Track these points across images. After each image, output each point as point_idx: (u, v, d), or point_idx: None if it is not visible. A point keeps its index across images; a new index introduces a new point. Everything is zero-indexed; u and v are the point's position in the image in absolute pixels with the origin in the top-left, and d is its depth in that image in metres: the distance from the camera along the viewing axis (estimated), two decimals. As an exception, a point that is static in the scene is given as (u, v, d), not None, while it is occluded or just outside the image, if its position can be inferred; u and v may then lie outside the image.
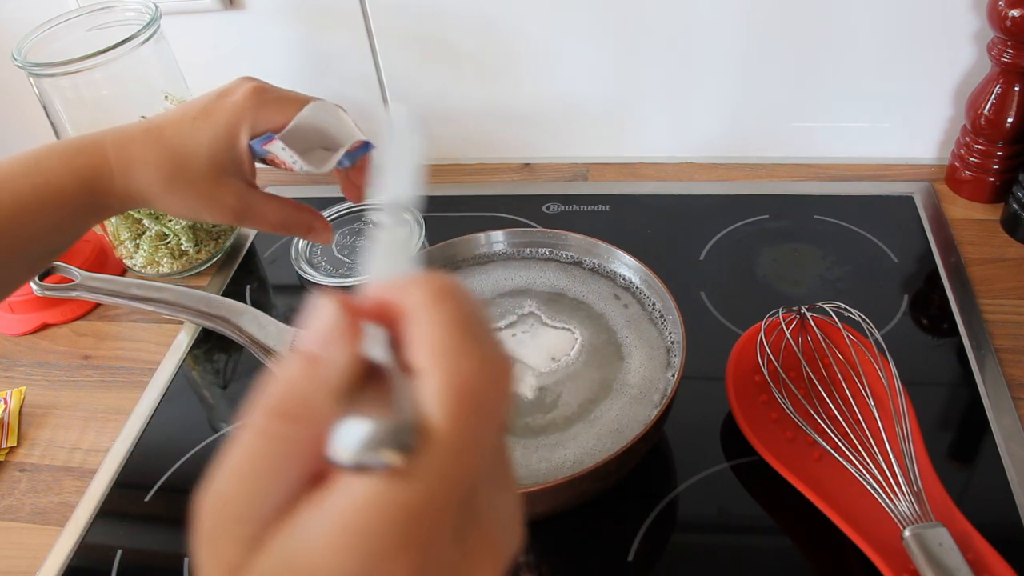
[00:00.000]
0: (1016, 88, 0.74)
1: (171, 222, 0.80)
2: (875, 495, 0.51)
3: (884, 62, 0.81)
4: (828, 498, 0.53)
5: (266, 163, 0.54)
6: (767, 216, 0.82)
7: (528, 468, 0.54)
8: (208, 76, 0.87)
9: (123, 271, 0.85)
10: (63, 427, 0.70)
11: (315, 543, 0.21)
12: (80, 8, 0.78)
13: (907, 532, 0.49)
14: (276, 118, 0.52)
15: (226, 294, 0.80)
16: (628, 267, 0.66)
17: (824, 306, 0.60)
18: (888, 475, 0.52)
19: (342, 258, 0.82)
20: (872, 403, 0.55)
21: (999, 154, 0.78)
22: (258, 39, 0.90)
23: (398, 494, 0.21)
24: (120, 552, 0.59)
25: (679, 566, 0.55)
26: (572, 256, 0.68)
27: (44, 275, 0.74)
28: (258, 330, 0.69)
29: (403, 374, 0.22)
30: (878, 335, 0.58)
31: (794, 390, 0.58)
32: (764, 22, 0.80)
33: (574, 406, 0.57)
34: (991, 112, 0.76)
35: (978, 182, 0.80)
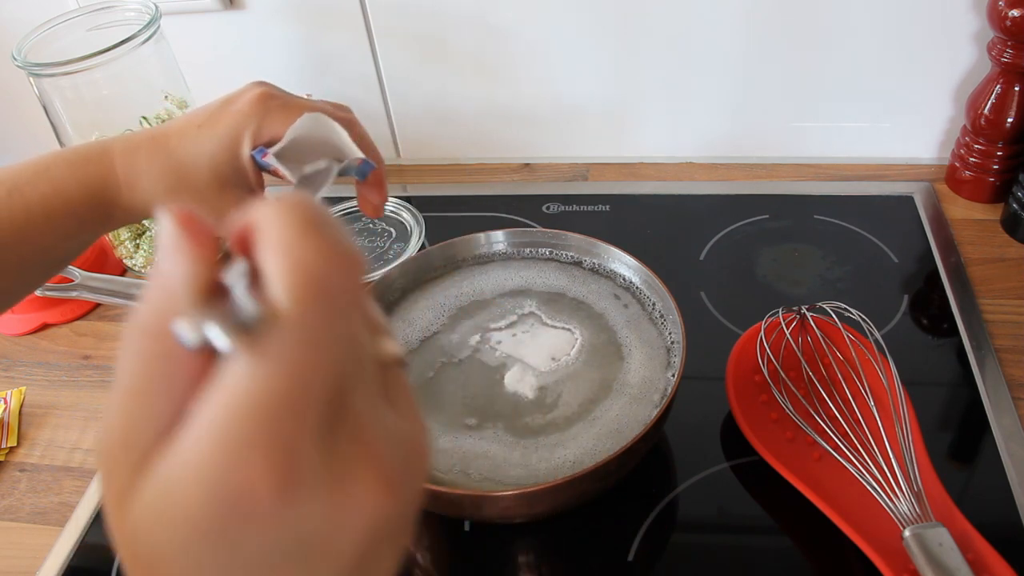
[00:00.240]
0: (1016, 88, 0.74)
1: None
2: (875, 495, 0.51)
3: (884, 62, 0.81)
4: (828, 498, 0.53)
5: (273, 175, 0.54)
6: (767, 216, 0.82)
7: (528, 468, 0.54)
8: (208, 76, 0.87)
9: (123, 271, 0.85)
10: (63, 427, 0.70)
11: (183, 459, 0.21)
12: (80, 8, 0.78)
13: (907, 532, 0.49)
14: (280, 127, 0.49)
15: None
16: (628, 267, 0.65)
17: (824, 306, 0.60)
18: (888, 475, 0.52)
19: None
20: (872, 403, 0.55)
21: (999, 154, 0.78)
22: (258, 39, 0.90)
23: (248, 382, 0.20)
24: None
25: (679, 566, 0.55)
26: (572, 256, 0.68)
27: (44, 275, 0.74)
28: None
29: (255, 286, 0.22)
30: (878, 335, 0.58)
31: (794, 390, 0.58)
32: (764, 22, 0.80)
33: (574, 406, 0.57)
34: (991, 112, 0.76)
35: (978, 182, 0.80)
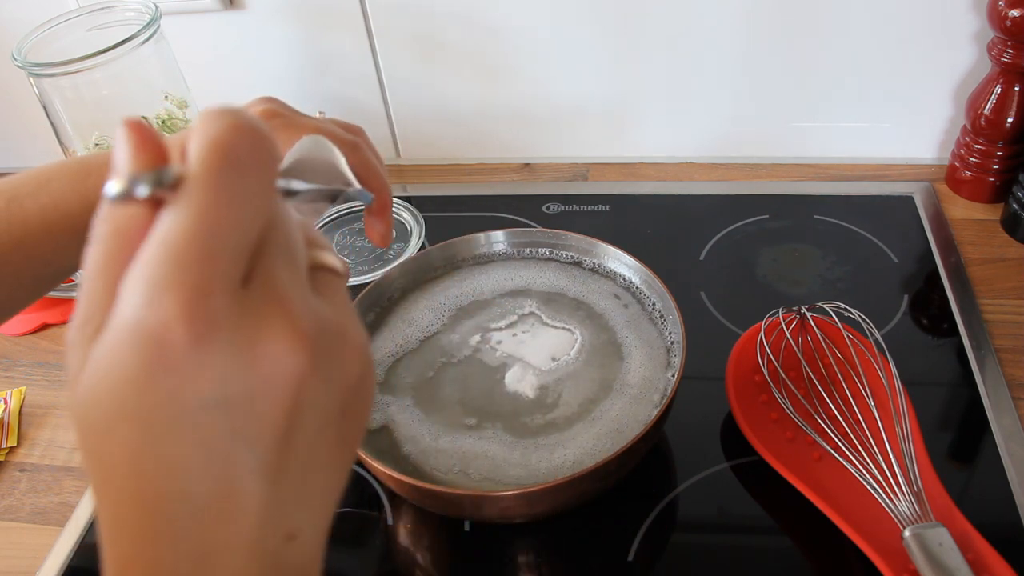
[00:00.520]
0: (1016, 88, 0.74)
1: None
2: (875, 495, 0.51)
3: (884, 62, 0.81)
4: (828, 498, 0.53)
5: None
6: (767, 216, 0.82)
7: (528, 468, 0.54)
8: (208, 76, 0.87)
9: (123, 271, 0.85)
10: (63, 427, 0.70)
11: (115, 318, 0.22)
12: (80, 8, 0.78)
13: (907, 532, 0.49)
14: (283, 146, 0.48)
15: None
16: (628, 267, 0.65)
17: (824, 306, 0.60)
18: (888, 475, 0.52)
19: (342, 258, 0.82)
20: (872, 403, 0.55)
21: (999, 154, 0.78)
22: (258, 39, 0.90)
23: (164, 230, 0.22)
24: (120, 552, 0.59)
25: (679, 566, 0.55)
26: (572, 256, 0.68)
27: (44, 275, 0.74)
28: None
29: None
30: (878, 335, 0.58)
31: (794, 390, 0.58)
32: (764, 22, 0.80)
33: (574, 406, 0.57)
34: (991, 112, 0.76)
35: (978, 182, 0.80)
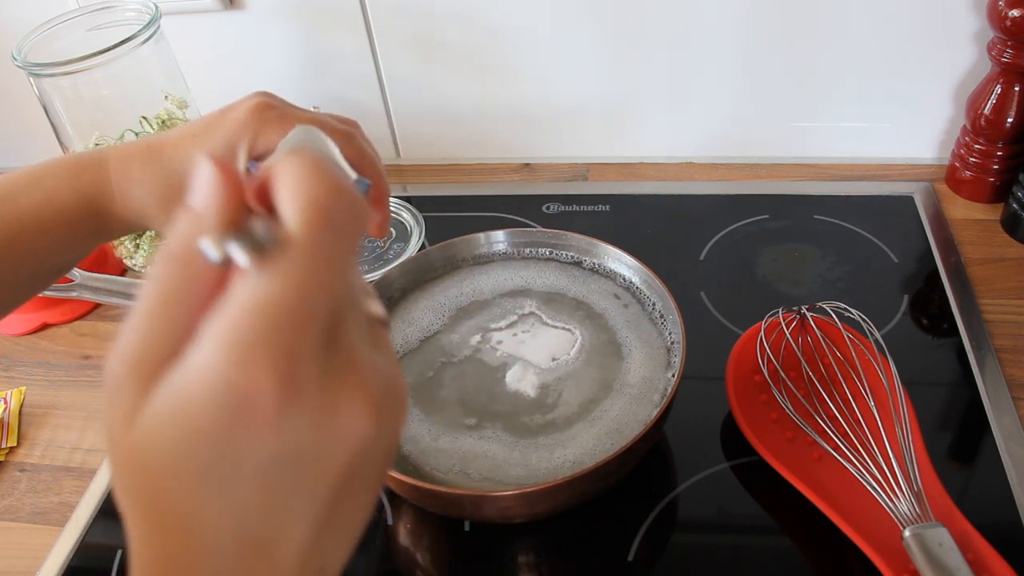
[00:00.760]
0: (1016, 88, 0.74)
1: (171, 222, 0.80)
2: (875, 495, 0.51)
3: (884, 62, 0.81)
4: (828, 498, 0.53)
5: None
6: (767, 216, 0.82)
7: (528, 468, 0.54)
8: (208, 76, 0.87)
9: (123, 271, 0.85)
10: (63, 427, 0.70)
11: (192, 369, 0.22)
12: (80, 8, 0.78)
13: (907, 532, 0.49)
14: (277, 138, 0.47)
15: (226, 294, 0.80)
16: (628, 267, 0.65)
17: (824, 306, 0.60)
18: (888, 475, 0.52)
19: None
20: (872, 403, 0.55)
21: (999, 154, 0.78)
22: (258, 39, 0.90)
23: (260, 293, 0.22)
24: (120, 552, 0.59)
25: (679, 566, 0.55)
26: (572, 256, 0.68)
27: (44, 275, 0.74)
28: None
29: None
30: (878, 335, 0.58)
31: (794, 390, 0.58)
32: (764, 22, 0.80)
33: (574, 406, 0.57)
34: (991, 112, 0.76)
35: (978, 182, 0.80)
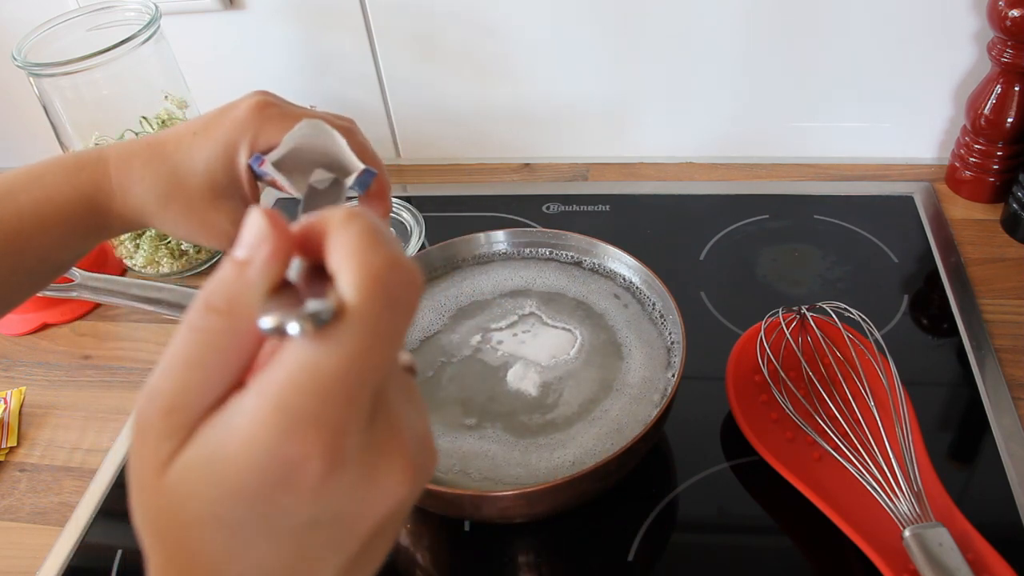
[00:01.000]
0: (1016, 88, 0.74)
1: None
2: (875, 495, 0.51)
3: (884, 62, 0.81)
4: (828, 498, 0.53)
5: (270, 185, 0.53)
6: (767, 216, 0.82)
7: (528, 468, 0.54)
8: (208, 76, 0.87)
9: (123, 271, 0.85)
10: (63, 427, 0.70)
11: (237, 428, 0.22)
12: (80, 8, 0.78)
13: (907, 532, 0.49)
14: (278, 136, 0.47)
15: (226, 294, 0.80)
16: (628, 267, 0.65)
17: (824, 306, 0.60)
18: (888, 475, 0.52)
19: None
20: (872, 403, 0.55)
21: (999, 154, 0.78)
22: (258, 39, 0.90)
23: (314, 365, 0.22)
24: (120, 552, 0.59)
25: (679, 566, 0.55)
26: (572, 256, 0.68)
27: (44, 275, 0.74)
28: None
29: (326, 283, 0.24)
30: (878, 335, 0.58)
31: (794, 390, 0.58)
32: (764, 22, 0.80)
33: (574, 406, 0.57)
34: (991, 112, 0.76)
35: (978, 182, 0.80)
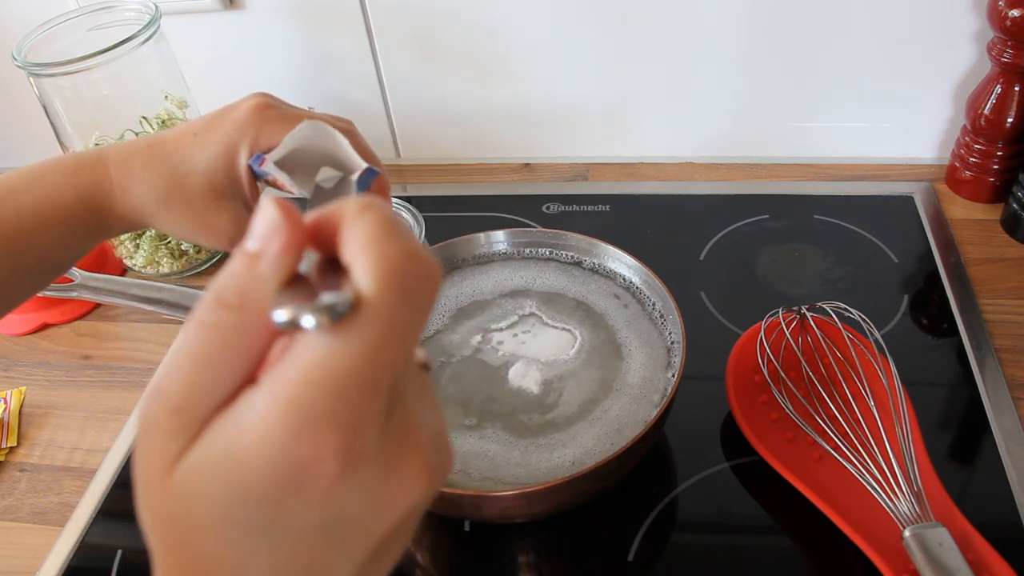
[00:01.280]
0: (1016, 88, 0.74)
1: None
2: (875, 495, 0.51)
3: (884, 62, 0.81)
4: (828, 498, 0.53)
5: (271, 185, 0.53)
6: (767, 216, 0.82)
7: (528, 468, 0.54)
8: (208, 76, 0.87)
9: (123, 271, 0.85)
10: (63, 427, 0.70)
11: (248, 426, 0.21)
12: (80, 8, 0.78)
13: (907, 532, 0.49)
14: (279, 137, 0.48)
15: (226, 294, 0.80)
16: (628, 267, 0.65)
17: (824, 306, 0.60)
18: (888, 475, 0.52)
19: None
20: (872, 403, 0.55)
21: (999, 154, 0.78)
22: (258, 39, 0.90)
23: (328, 360, 0.21)
24: (120, 552, 0.59)
25: (679, 566, 0.55)
26: (572, 256, 0.68)
27: (44, 275, 0.74)
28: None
29: (339, 275, 0.23)
30: (878, 335, 0.58)
31: (794, 390, 0.58)
32: (764, 22, 0.80)
33: (574, 406, 0.57)
34: (991, 112, 0.76)
35: (978, 182, 0.80)
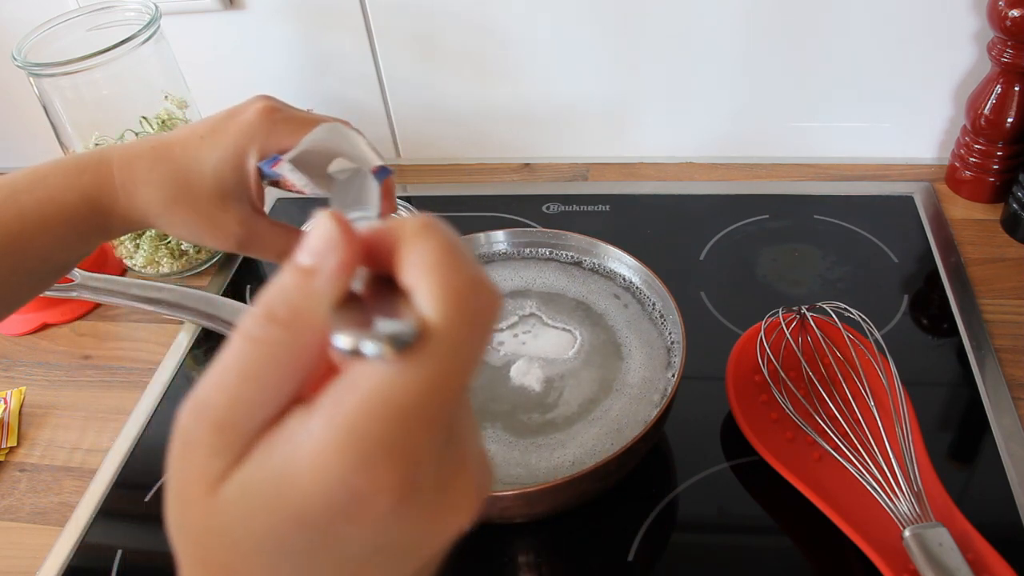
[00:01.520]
0: (1016, 88, 0.74)
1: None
2: (875, 495, 0.51)
3: (884, 62, 0.81)
4: (828, 498, 0.53)
5: (276, 185, 0.53)
6: (767, 216, 0.82)
7: (528, 468, 0.54)
8: (208, 76, 0.87)
9: (123, 271, 0.85)
10: (63, 427, 0.70)
11: (303, 451, 0.20)
12: (80, 8, 0.78)
13: (907, 532, 0.49)
14: (286, 140, 0.49)
15: (226, 294, 0.80)
16: (628, 267, 0.65)
17: (824, 306, 0.60)
18: (888, 475, 0.52)
19: None
20: (872, 403, 0.55)
21: (999, 154, 0.78)
22: (258, 39, 0.90)
23: (391, 390, 0.20)
24: (120, 552, 0.59)
25: (679, 566, 0.55)
26: (572, 256, 0.68)
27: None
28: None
29: (394, 296, 0.22)
30: (878, 335, 0.58)
31: (794, 390, 0.58)
32: (764, 22, 0.80)
33: (574, 406, 0.57)
34: (991, 112, 0.76)
35: (978, 182, 0.80)
